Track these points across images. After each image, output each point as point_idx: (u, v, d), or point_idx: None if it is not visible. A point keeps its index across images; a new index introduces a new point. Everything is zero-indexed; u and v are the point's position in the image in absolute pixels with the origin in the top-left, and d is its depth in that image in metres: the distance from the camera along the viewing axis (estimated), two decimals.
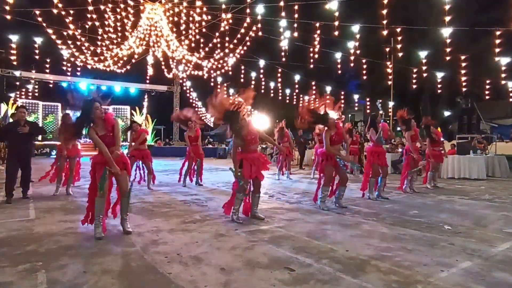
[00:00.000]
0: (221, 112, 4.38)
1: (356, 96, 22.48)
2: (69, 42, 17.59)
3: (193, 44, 19.39)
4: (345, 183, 5.49)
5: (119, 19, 18.42)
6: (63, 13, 15.23)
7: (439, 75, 15.23)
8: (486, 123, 21.69)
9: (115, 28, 18.62)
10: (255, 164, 4.50)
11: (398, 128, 25.33)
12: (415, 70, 16.35)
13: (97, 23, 17.51)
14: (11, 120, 10.23)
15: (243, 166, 4.44)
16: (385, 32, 12.26)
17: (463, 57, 13.64)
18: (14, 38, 15.65)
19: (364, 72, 16.98)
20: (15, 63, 16.81)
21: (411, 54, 16.18)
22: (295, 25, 13.28)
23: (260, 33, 15.55)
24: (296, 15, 12.94)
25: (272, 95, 21.65)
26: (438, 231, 4.12)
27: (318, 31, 13.86)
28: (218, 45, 18.25)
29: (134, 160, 7.31)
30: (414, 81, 16.99)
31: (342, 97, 21.59)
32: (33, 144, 6.37)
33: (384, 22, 11.68)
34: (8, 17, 13.22)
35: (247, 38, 16.46)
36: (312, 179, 9.72)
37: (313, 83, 20.47)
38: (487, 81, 15.44)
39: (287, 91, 21.67)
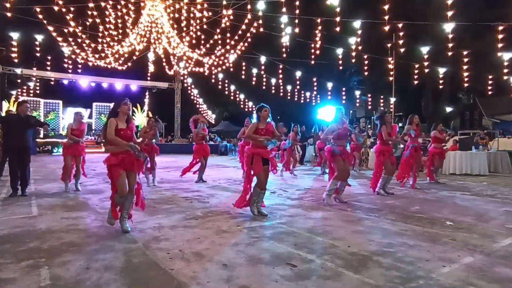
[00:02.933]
0: None
1: (357, 92, 22.39)
2: (70, 39, 17.57)
3: (194, 41, 19.34)
4: (346, 178, 5.51)
5: (120, 16, 18.37)
6: (63, 10, 15.19)
7: (441, 70, 15.15)
8: (488, 119, 21.57)
9: (116, 25, 18.57)
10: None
11: (400, 124, 25.31)
12: (417, 66, 16.26)
13: (97, 20, 17.46)
14: None
15: (254, 161, 4.55)
16: (386, 28, 12.19)
17: (465, 53, 13.55)
18: (15, 35, 15.61)
19: (366, 68, 16.91)
20: (16, 60, 16.80)
21: (413, 50, 16.07)
22: (296, 21, 13.21)
23: (261, 29, 15.50)
24: (297, 11, 12.88)
25: (273, 91, 21.60)
26: (440, 226, 4.12)
27: (320, 27, 13.80)
28: (219, 42, 18.20)
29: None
30: (416, 76, 16.90)
31: (343, 93, 21.56)
32: (33, 139, 6.35)
33: (386, 17, 11.61)
34: (9, 14, 13.19)
35: (248, 35, 16.40)
36: (321, 175, 10.10)
37: (315, 79, 20.42)
38: (490, 77, 15.35)
39: (289, 87, 21.61)
